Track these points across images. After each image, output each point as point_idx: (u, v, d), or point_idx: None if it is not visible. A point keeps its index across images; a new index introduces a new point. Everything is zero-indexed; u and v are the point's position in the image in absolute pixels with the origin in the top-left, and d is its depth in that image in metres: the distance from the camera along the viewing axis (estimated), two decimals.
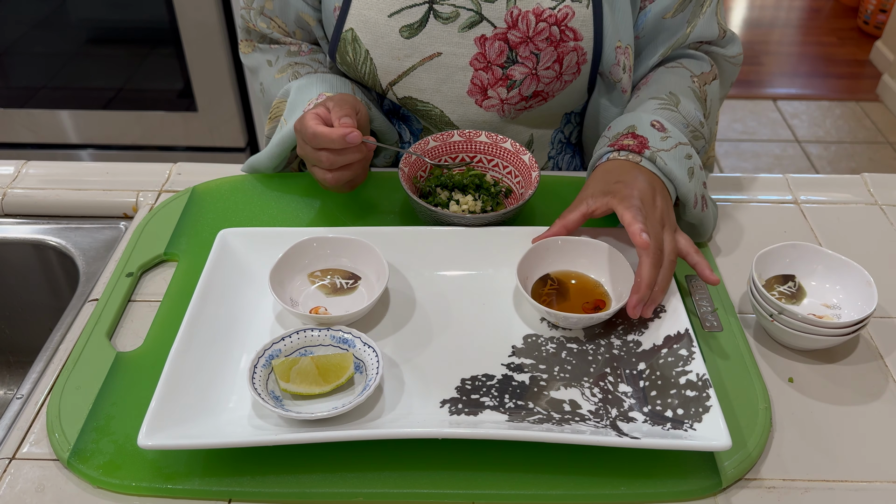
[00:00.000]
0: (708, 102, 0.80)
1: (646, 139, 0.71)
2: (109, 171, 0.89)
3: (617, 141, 0.73)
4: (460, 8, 0.75)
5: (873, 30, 3.13)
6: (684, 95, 0.77)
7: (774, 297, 0.68)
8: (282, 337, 0.62)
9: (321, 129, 0.69)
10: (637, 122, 0.73)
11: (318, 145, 0.70)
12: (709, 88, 0.81)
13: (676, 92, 0.77)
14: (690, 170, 0.71)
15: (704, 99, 0.79)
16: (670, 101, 0.76)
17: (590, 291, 0.68)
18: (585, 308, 0.67)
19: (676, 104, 0.76)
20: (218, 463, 0.56)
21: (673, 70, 0.81)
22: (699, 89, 0.79)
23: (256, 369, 0.59)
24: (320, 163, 0.72)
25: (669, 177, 0.70)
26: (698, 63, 0.83)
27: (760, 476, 0.57)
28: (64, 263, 0.82)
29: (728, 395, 0.61)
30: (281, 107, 0.85)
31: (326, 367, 0.60)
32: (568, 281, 0.69)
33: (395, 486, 0.55)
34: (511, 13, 0.75)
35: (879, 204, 0.86)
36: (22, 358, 0.91)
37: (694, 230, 0.76)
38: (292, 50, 0.88)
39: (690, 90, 0.78)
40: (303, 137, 0.72)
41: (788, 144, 2.53)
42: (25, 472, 0.57)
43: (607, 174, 0.70)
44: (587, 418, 0.58)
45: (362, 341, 0.62)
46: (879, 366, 0.66)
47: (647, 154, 0.70)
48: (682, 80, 0.79)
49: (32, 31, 1.81)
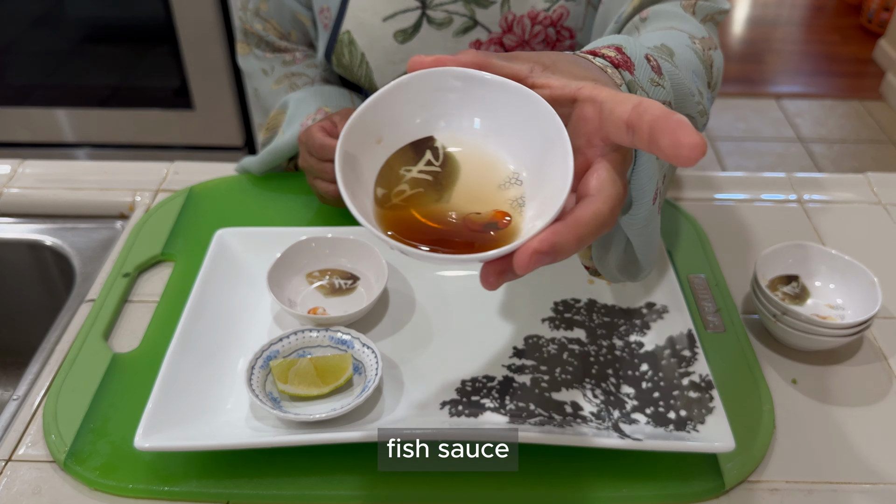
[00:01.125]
0: (714, 71, 0.58)
1: (633, 64, 0.44)
2: (106, 170, 0.88)
3: (596, 49, 0.45)
4: (454, 14, 0.75)
5: (877, 28, 3.12)
6: (682, 52, 0.53)
7: (778, 297, 0.67)
8: (280, 338, 0.61)
9: (329, 141, 0.70)
10: (626, 44, 0.45)
11: (324, 157, 0.71)
12: (714, 55, 0.58)
13: (672, 46, 0.53)
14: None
15: (710, 65, 0.57)
16: (662, 51, 0.50)
17: (489, 185, 0.39)
18: (471, 225, 0.37)
19: (671, 55, 0.51)
20: (215, 465, 0.56)
21: (666, 31, 0.57)
22: (702, 52, 0.56)
23: (254, 370, 0.59)
24: (324, 174, 0.72)
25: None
26: (690, 25, 0.60)
27: (764, 478, 0.57)
28: (60, 263, 0.81)
29: (731, 397, 0.61)
30: (279, 118, 0.85)
31: (325, 368, 0.59)
32: (457, 158, 0.39)
33: (395, 488, 0.55)
34: (506, 18, 0.74)
35: (883, 203, 0.85)
36: (18, 359, 0.90)
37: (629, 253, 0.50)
38: (287, 59, 0.88)
39: (690, 49, 0.55)
40: (308, 149, 0.73)
41: (791, 143, 2.52)
42: (22, 473, 0.56)
43: (576, 63, 0.42)
44: (589, 420, 0.57)
45: (361, 342, 0.61)
46: (883, 367, 0.66)
47: (626, 78, 0.43)
48: (681, 39, 0.56)
49: (28, 28, 1.80)
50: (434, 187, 0.39)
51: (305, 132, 0.73)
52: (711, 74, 0.57)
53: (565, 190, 0.35)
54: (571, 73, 0.40)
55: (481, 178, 0.39)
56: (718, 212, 0.83)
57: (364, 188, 0.38)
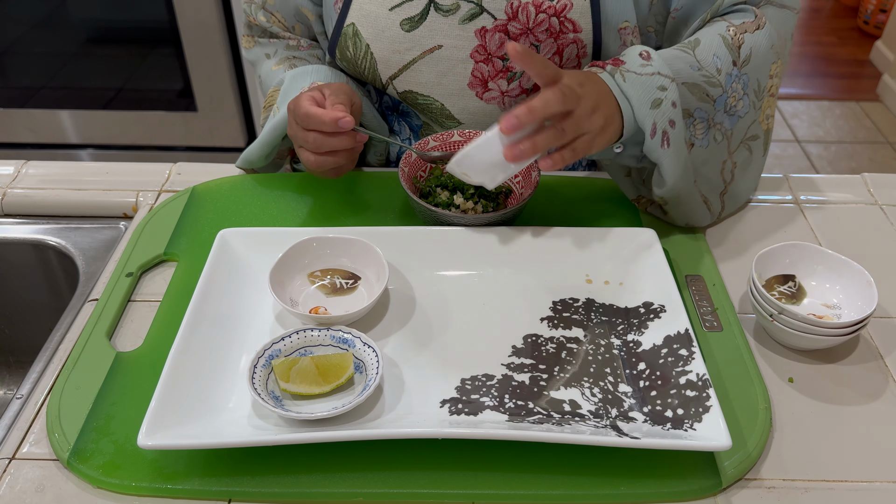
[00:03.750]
0: (743, 50, 0.74)
1: (623, 61, 0.69)
2: (109, 171, 0.89)
3: (596, 62, 0.71)
4: (460, 0, 0.75)
5: (873, 30, 3.13)
6: (708, 40, 0.73)
7: (774, 297, 0.68)
8: (281, 337, 0.62)
9: (314, 109, 0.70)
10: (627, 52, 0.71)
11: (308, 126, 0.71)
12: (748, 37, 0.74)
13: (701, 37, 0.74)
14: (657, 100, 0.67)
15: (738, 46, 0.74)
16: (688, 45, 0.73)
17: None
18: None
19: (694, 48, 0.72)
20: (218, 463, 0.56)
21: (712, 23, 0.76)
22: (733, 37, 0.74)
23: (256, 369, 0.59)
24: (307, 144, 0.72)
25: (626, 95, 0.67)
26: (741, 14, 0.77)
27: (760, 476, 0.57)
28: (64, 263, 0.82)
29: (728, 395, 0.61)
30: (275, 96, 0.85)
31: (326, 367, 0.60)
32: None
33: (395, 486, 0.55)
34: (511, 5, 0.75)
35: (879, 204, 0.85)
36: (22, 358, 0.91)
37: (659, 176, 0.71)
38: (291, 44, 0.89)
39: (720, 37, 0.73)
40: (294, 117, 0.72)
41: (788, 144, 2.52)
42: (25, 472, 0.57)
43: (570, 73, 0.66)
44: (587, 418, 0.58)
45: (362, 341, 0.62)
46: (879, 366, 0.66)
47: (609, 69, 0.68)
48: (715, 28, 0.75)
49: (32, 30, 1.81)
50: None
51: (294, 100, 0.73)
52: (739, 55, 0.74)
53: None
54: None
55: None
56: None
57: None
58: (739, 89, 0.73)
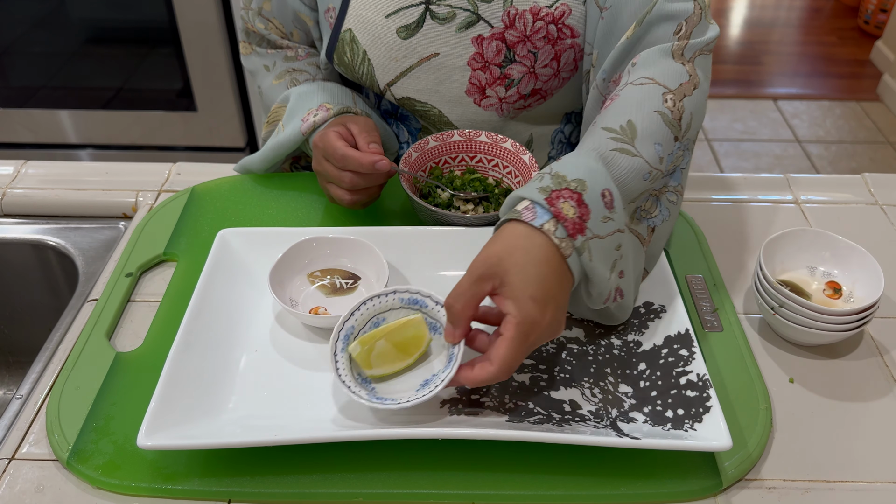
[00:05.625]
0: (685, 119, 0.65)
1: (587, 213, 0.56)
2: (109, 171, 0.89)
3: (559, 193, 0.57)
4: (456, 8, 0.75)
5: (874, 29, 3.13)
6: (646, 124, 0.63)
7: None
8: (350, 312, 0.60)
9: (351, 152, 0.71)
10: (590, 180, 0.58)
11: (345, 167, 0.72)
12: (687, 102, 0.66)
13: (636, 121, 0.63)
14: (614, 262, 0.59)
15: (679, 118, 0.64)
16: (624, 135, 0.62)
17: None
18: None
19: (632, 139, 0.62)
20: (217, 463, 0.56)
21: (642, 88, 0.65)
22: (672, 109, 0.64)
23: (337, 356, 0.58)
24: (342, 183, 0.73)
25: (589, 275, 0.57)
26: (672, 72, 0.67)
27: (761, 476, 0.57)
28: (63, 263, 0.82)
29: (728, 396, 0.61)
30: (279, 112, 0.85)
31: (403, 343, 0.59)
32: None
33: (396, 487, 0.55)
34: (508, 13, 0.75)
35: (880, 204, 0.85)
36: (21, 358, 0.90)
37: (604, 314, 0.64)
38: (289, 55, 0.89)
39: (658, 115, 0.63)
40: (326, 155, 0.73)
41: (789, 144, 2.52)
42: (25, 472, 0.57)
43: (514, 253, 0.55)
44: (587, 418, 0.58)
45: (433, 300, 0.61)
46: (880, 364, 0.66)
47: (578, 242, 0.56)
48: (651, 101, 0.64)
49: (32, 30, 1.81)
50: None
51: (321, 137, 0.74)
52: (680, 127, 0.65)
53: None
54: (515, 296, 0.55)
55: None
56: (716, 212, 0.83)
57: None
58: (681, 154, 0.66)
